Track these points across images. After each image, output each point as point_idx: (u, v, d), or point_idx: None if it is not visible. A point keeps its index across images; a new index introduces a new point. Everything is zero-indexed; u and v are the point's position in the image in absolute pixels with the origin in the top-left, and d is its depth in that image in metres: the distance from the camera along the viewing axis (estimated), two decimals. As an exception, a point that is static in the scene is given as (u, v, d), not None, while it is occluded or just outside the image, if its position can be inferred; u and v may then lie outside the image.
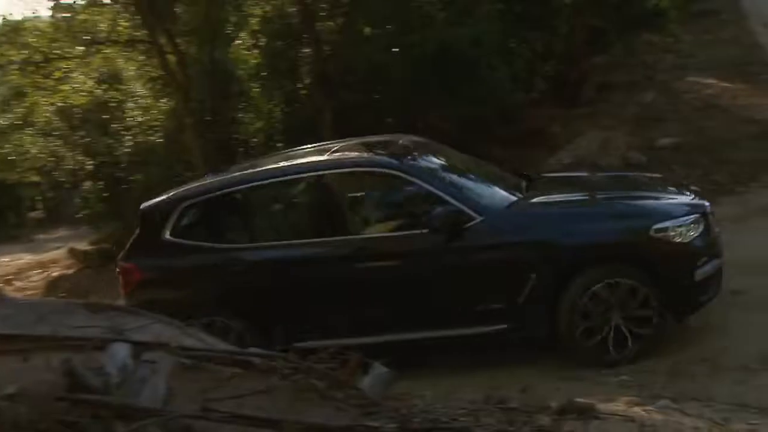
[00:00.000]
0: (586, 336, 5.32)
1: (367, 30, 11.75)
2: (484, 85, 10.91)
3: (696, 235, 5.40)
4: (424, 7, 11.82)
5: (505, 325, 5.45)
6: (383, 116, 11.66)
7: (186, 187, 6.33)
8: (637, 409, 3.34)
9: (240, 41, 12.52)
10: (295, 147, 7.09)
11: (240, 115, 12.55)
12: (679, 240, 5.39)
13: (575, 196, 6.03)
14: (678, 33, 18.31)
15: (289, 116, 11.82)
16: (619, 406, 3.37)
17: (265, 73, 11.94)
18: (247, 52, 12.31)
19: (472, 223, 5.40)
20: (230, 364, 3.00)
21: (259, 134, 12.24)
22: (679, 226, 5.39)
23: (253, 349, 3.46)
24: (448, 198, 5.53)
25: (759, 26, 21.90)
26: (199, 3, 11.91)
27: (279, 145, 11.99)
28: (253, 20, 12.38)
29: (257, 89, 12.17)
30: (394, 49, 11.26)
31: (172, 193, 6.15)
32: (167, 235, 5.85)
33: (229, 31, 12.76)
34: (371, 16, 11.48)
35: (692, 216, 5.48)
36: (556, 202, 5.87)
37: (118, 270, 6.04)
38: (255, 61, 12.12)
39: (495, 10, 12.13)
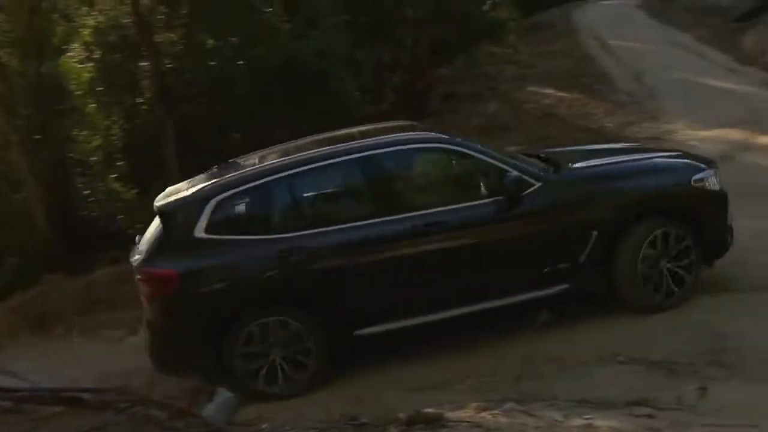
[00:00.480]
0: (643, 284, 5.59)
1: (209, 42, 11.51)
2: (331, 97, 11.00)
3: (719, 184, 5.87)
4: (269, 18, 11.77)
5: (568, 285, 5.62)
6: (228, 130, 11.48)
7: (211, 181, 5.78)
8: (485, 414, 3.43)
9: (72, 54, 11.86)
10: (137, 165, 6.59)
11: (75, 132, 11.87)
12: (712, 188, 5.85)
13: (609, 160, 6.21)
14: (517, 45, 19.43)
15: (129, 133, 11.38)
16: (467, 412, 3.44)
17: (100, 88, 11.39)
18: (80, 66, 11.67)
19: (531, 189, 5.54)
20: (55, 403, 2.78)
21: (98, 152, 11.66)
22: (710, 177, 5.87)
23: (82, 387, 3.20)
24: (506, 167, 5.61)
25: (589, 39, 23.72)
26: (21, 12, 11.18)
27: (119, 163, 11.55)
28: (85, 31, 11.79)
29: (93, 105, 11.57)
30: (238, 62, 11.10)
31: (196, 189, 5.67)
32: (201, 233, 5.42)
33: (58, 43, 12.06)
34: (212, 28, 11.28)
35: (714, 168, 5.99)
36: (597, 165, 6.04)
37: (141, 278, 5.54)
38: (89, 74, 11.52)
39: (340, 21, 12.25)
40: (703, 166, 6.03)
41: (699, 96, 13.75)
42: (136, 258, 5.70)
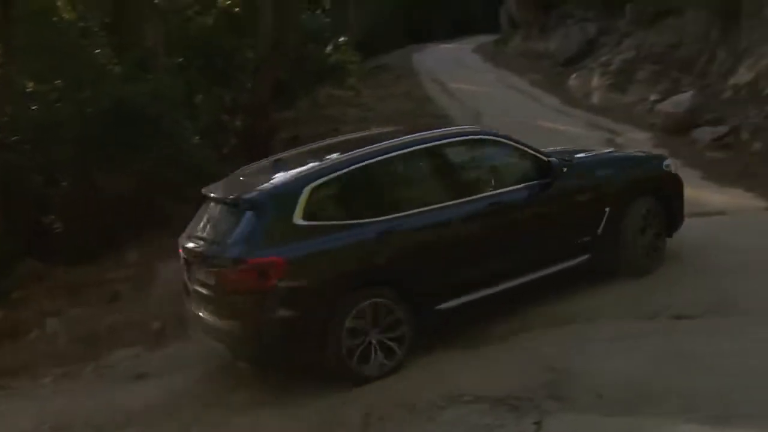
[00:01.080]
0: (639, 249, 6.90)
1: (30, 85, 10.91)
2: (168, 141, 10.71)
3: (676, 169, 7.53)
4: (97, 60, 11.36)
5: (589, 255, 6.69)
6: (57, 177, 10.91)
7: (296, 170, 6.02)
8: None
9: None
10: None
11: None
12: (675, 172, 7.52)
13: (604, 154, 8.22)
14: (358, 88, 19.92)
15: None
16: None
17: None
18: None
19: (564, 173, 6.69)
20: None
21: None
22: (671, 164, 7.55)
23: None
24: (540, 156, 6.68)
25: (429, 81, 24.77)
26: None
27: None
28: None
29: None
30: (64, 105, 10.59)
31: (285, 178, 5.96)
32: (300, 220, 5.62)
33: None
34: (33, 70, 10.70)
35: (669, 158, 7.74)
36: (598, 156, 7.75)
37: (242, 268, 5.45)
38: None
39: (175, 64, 12.03)
40: (665, 156, 7.86)
41: (533, 137, 14.60)
42: (215, 249, 5.80)
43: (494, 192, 6.38)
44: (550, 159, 6.65)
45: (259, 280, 5.43)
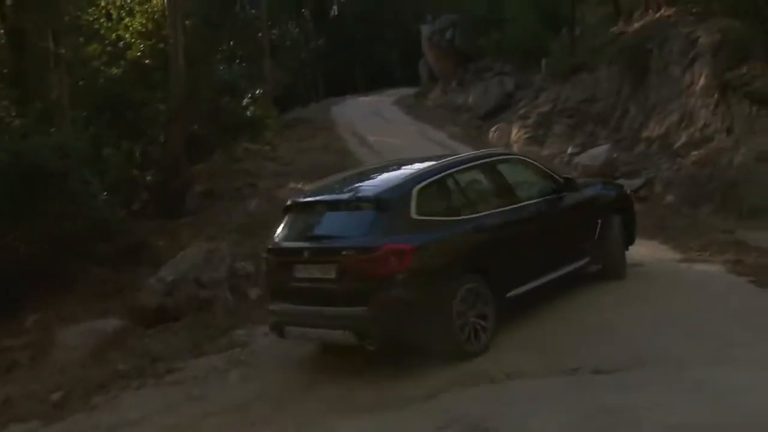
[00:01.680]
0: (618, 255, 8.85)
1: None
2: (74, 198, 10.39)
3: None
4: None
5: (589, 258, 8.35)
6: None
7: (402, 174, 7.34)
8: None
9: None
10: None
11: None
12: (630, 193, 9.94)
13: (590, 179, 10.42)
14: (275, 141, 19.92)
15: None
16: None
17: None
18: None
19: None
20: None
21: None
22: (628, 188, 10.38)
23: None
24: (555, 175, 8.40)
25: (348, 134, 25.02)
26: None
27: None
28: None
29: None
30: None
31: (395, 181, 7.12)
32: (414, 214, 6.75)
33: None
34: None
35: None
36: (585, 179, 10.14)
37: (380, 254, 6.41)
38: None
39: (81, 117, 11.76)
40: (622, 182, 11.26)
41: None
42: (336, 243, 6.76)
43: (535, 200, 7.93)
44: (566, 176, 8.57)
45: (392, 264, 6.42)
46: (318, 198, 7.38)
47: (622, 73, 18.22)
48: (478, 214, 7.21)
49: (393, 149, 20.54)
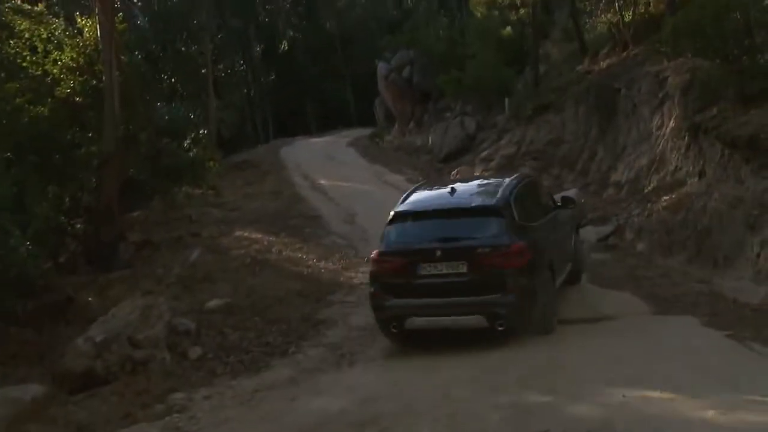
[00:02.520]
0: (586, 258, 12.10)
1: None
2: (-8, 251, 10.09)
3: None
4: None
5: (572, 263, 10.91)
6: None
7: (491, 187, 10.00)
8: None
9: None
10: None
11: None
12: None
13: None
14: (219, 186, 19.75)
15: None
16: None
17: None
18: None
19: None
20: None
21: None
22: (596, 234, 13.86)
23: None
24: (554, 195, 11.84)
25: (299, 178, 24.94)
26: None
27: None
28: None
29: None
30: None
31: (501, 192, 9.46)
32: (517, 220, 9.07)
33: None
34: None
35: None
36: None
37: (512, 250, 8.70)
38: None
39: (1, 159, 11.49)
40: (589, 229, 13.79)
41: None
42: (466, 243, 8.87)
43: (552, 212, 10.54)
44: (563, 194, 12.27)
45: (520, 259, 8.68)
46: (433, 207, 9.50)
47: (590, 113, 18.59)
48: (538, 222, 9.65)
49: (347, 194, 20.66)
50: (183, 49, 29.92)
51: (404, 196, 10.02)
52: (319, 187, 22.71)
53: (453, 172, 22.17)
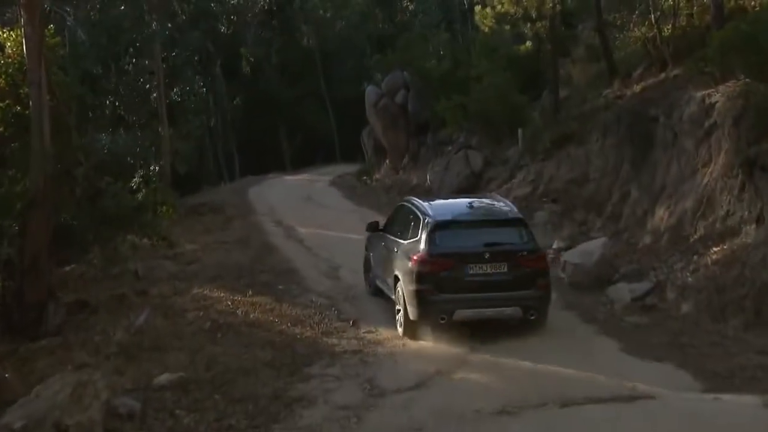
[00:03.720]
0: None
1: None
2: None
3: None
4: None
5: None
6: None
7: (503, 202, 14.81)
8: None
9: None
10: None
11: None
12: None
13: None
14: (173, 234, 19.65)
15: None
16: None
17: None
18: None
19: None
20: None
21: None
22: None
23: None
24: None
25: (270, 224, 24.91)
26: None
27: None
28: None
29: None
30: None
31: (511, 206, 14.21)
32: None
33: None
34: None
35: None
36: None
37: (542, 254, 13.45)
38: None
39: None
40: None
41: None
42: (506, 247, 12.85)
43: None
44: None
45: (545, 261, 13.06)
46: (472, 218, 13.87)
47: (621, 146, 18.63)
48: None
49: (329, 243, 20.71)
50: (129, 67, 29.98)
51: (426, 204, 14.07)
52: (295, 235, 22.75)
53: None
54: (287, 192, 32.42)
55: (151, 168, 20.07)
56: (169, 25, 35.25)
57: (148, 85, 31.24)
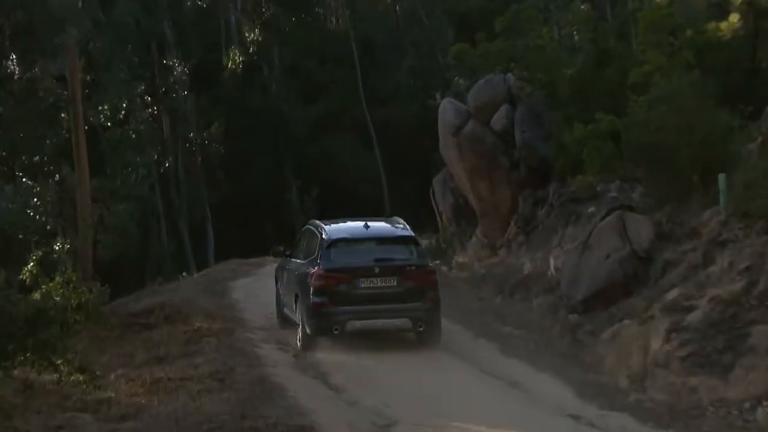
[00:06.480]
0: None
1: None
2: None
3: None
4: None
5: None
6: None
7: (393, 222, 27.85)
8: None
9: None
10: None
11: None
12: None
13: None
14: (94, 365, 19.42)
15: None
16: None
17: None
18: None
19: None
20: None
21: None
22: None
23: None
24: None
25: (268, 343, 24.80)
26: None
27: None
28: None
29: None
30: None
31: (403, 225, 27.06)
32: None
33: None
34: None
35: None
36: None
37: (431, 268, 26.28)
38: None
39: None
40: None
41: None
42: (396, 262, 24.88)
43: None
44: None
45: (434, 275, 25.88)
46: (365, 236, 25.26)
47: None
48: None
49: (375, 379, 20.67)
50: (17, 71, 30.17)
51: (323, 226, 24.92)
52: (311, 364, 22.74)
53: (604, 336, 21.88)
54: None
55: (57, 246, 19.92)
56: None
57: (52, 100, 31.35)
